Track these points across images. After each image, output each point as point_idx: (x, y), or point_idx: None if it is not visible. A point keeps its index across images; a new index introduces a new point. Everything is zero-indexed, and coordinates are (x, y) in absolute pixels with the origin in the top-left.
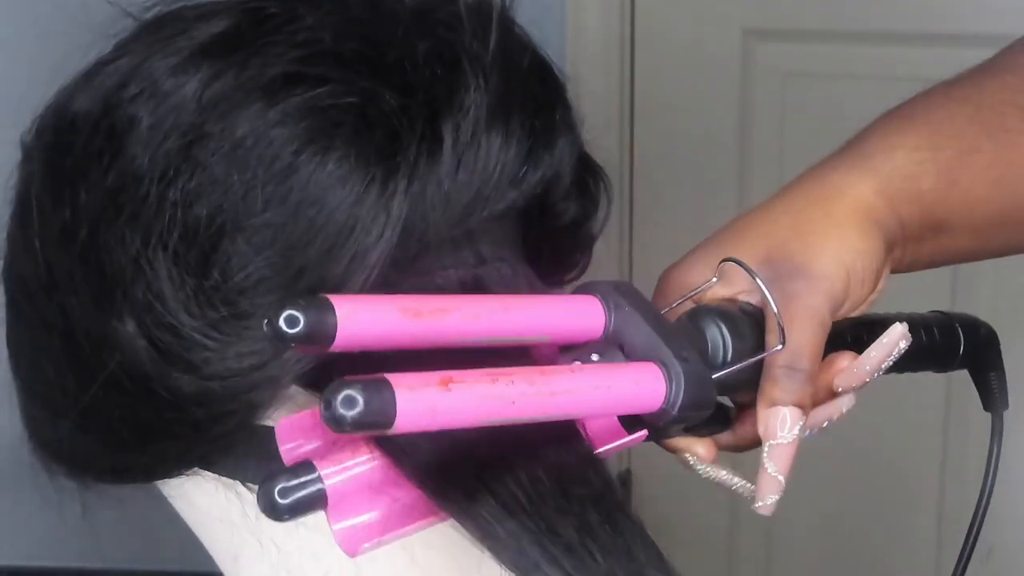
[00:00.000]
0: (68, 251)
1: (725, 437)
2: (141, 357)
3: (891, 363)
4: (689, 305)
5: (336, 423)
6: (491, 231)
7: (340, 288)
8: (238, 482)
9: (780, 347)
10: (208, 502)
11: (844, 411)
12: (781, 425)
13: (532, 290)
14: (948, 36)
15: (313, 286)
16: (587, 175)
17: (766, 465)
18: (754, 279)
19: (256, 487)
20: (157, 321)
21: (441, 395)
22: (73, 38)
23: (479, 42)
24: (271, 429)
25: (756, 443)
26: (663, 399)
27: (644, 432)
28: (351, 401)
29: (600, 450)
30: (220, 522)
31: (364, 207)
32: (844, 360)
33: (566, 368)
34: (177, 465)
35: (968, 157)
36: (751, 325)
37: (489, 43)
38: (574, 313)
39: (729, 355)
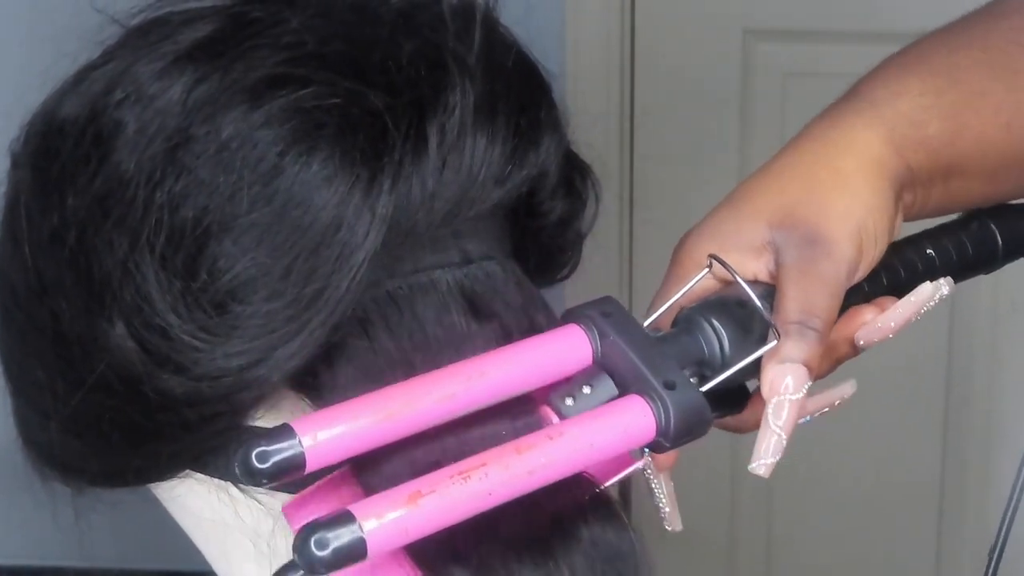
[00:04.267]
0: (57, 256)
1: (729, 420)
2: (130, 359)
3: (920, 316)
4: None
5: (311, 568)
6: (478, 230)
7: (326, 288)
8: (230, 484)
9: (775, 342)
10: (201, 504)
11: (846, 397)
12: (787, 383)
13: (521, 290)
14: None
15: (299, 285)
16: (574, 173)
17: (768, 419)
18: (735, 279)
19: (248, 487)
20: (146, 323)
21: (410, 513)
22: (61, 46)
23: (463, 43)
24: (264, 429)
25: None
26: (654, 432)
27: (639, 464)
28: (322, 543)
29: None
30: (213, 523)
31: (349, 207)
32: (868, 313)
33: (544, 436)
34: (169, 467)
35: (976, 100)
36: (748, 312)
37: (473, 43)
38: (558, 353)
39: (727, 353)
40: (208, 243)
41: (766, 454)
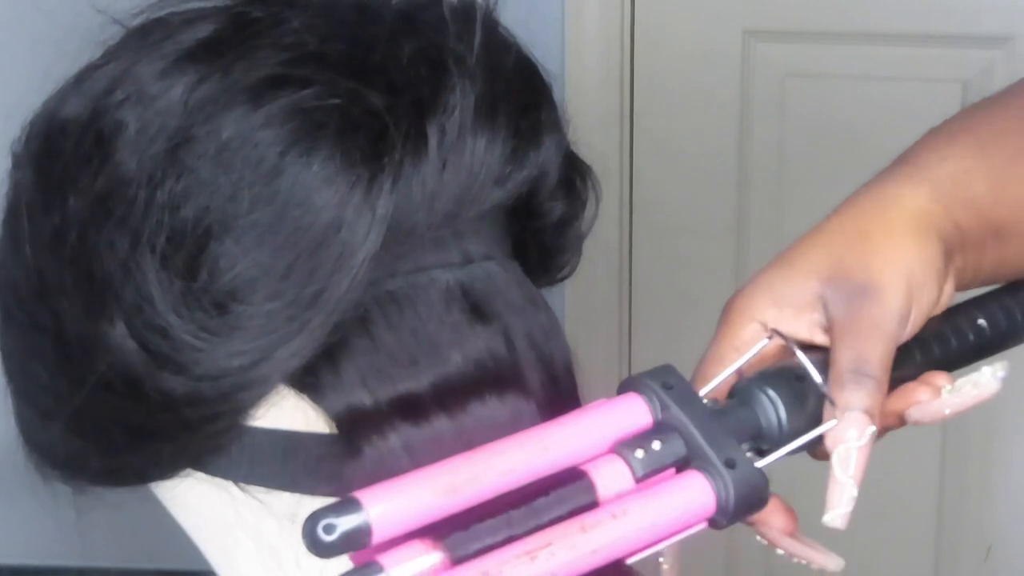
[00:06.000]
0: (58, 256)
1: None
2: (131, 359)
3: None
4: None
5: None
6: (478, 230)
7: (326, 288)
8: (231, 483)
9: (835, 422)
10: (202, 503)
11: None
12: (851, 432)
13: (521, 289)
14: (948, 36)
15: (300, 284)
16: (574, 174)
17: (836, 471)
18: (794, 351)
19: (248, 486)
20: (147, 323)
21: None
22: (62, 46)
23: (464, 43)
24: (262, 430)
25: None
26: (714, 510)
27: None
28: None
29: (644, 553)
30: (214, 523)
31: (349, 207)
32: (923, 393)
33: (607, 515)
34: (170, 466)
35: (1019, 160)
36: (807, 385)
37: (473, 44)
38: (618, 423)
39: (785, 427)
40: (209, 243)
41: (839, 504)
